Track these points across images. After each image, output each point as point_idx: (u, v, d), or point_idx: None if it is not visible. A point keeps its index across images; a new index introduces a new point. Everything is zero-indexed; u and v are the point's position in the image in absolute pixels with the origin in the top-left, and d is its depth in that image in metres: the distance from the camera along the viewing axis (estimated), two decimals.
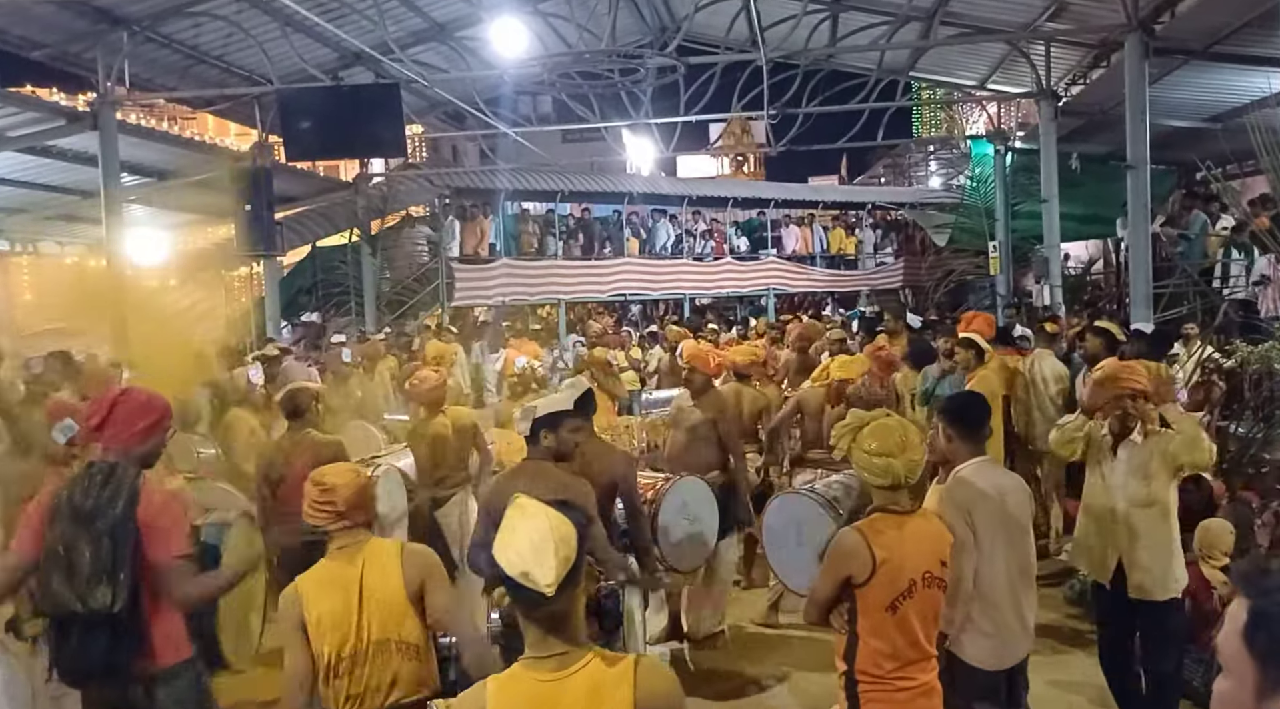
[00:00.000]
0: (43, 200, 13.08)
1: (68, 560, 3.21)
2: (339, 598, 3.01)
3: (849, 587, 3.24)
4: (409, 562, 3.07)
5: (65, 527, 3.27)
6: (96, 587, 3.17)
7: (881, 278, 22.81)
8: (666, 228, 20.37)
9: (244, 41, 11.31)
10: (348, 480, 3.07)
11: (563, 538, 2.07)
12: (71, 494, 3.32)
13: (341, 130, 10.78)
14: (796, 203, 22.85)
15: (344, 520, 3.07)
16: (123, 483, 3.32)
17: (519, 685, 2.11)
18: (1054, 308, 13.15)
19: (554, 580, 2.03)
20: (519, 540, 2.08)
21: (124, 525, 3.26)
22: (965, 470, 3.78)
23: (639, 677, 2.10)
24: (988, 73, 15.27)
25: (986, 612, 3.70)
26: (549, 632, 2.11)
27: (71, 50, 10.64)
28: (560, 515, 2.13)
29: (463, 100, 13.49)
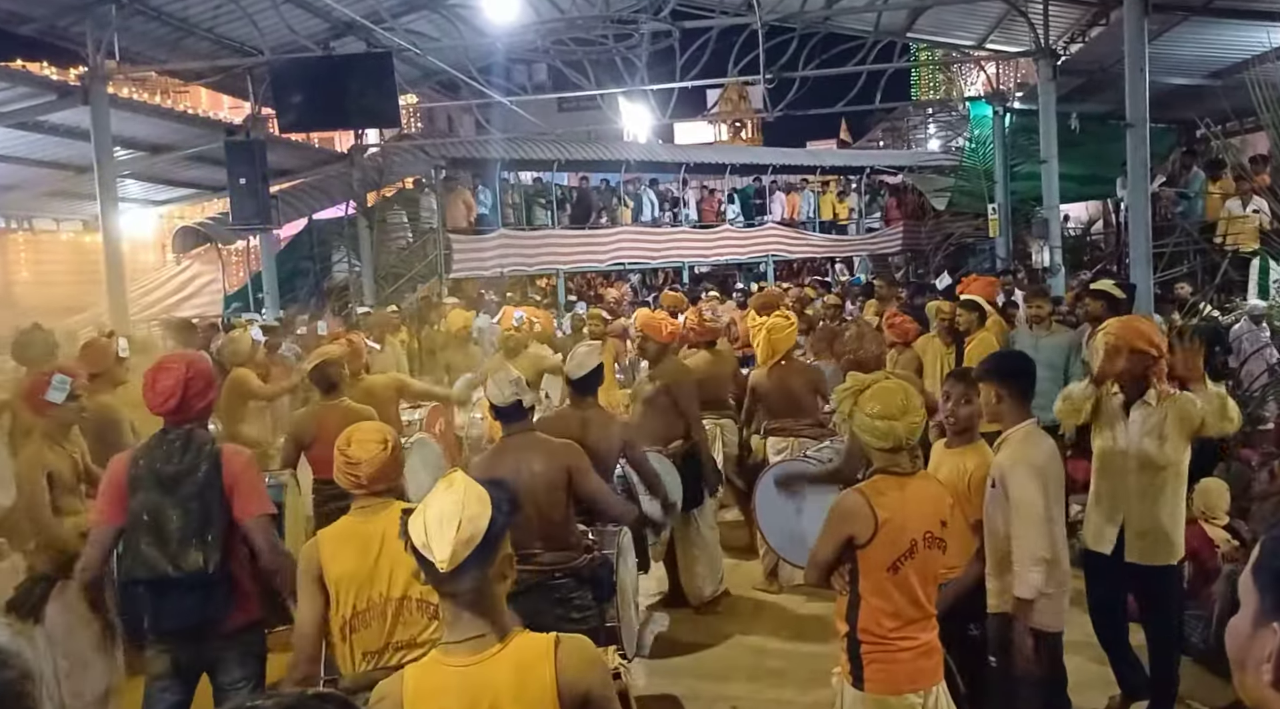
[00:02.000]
0: (36, 176, 13.00)
1: (156, 525, 3.34)
2: (359, 554, 3.07)
3: (851, 547, 3.25)
4: None
5: (150, 493, 3.39)
6: (188, 550, 3.32)
7: (880, 243, 22.75)
8: (650, 197, 20.22)
9: (234, 12, 11.18)
10: (372, 454, 3.11)
11: (470, 517, 2.01)
12: (152, 461, 3.43)
13: (334, 101, 10.67)
14: (795, 168, 22.73)
15: (366, 489, 3.14)
16: (203, 448, 3.46)
17: (436, 673, 2.07)
18: (1054, 269, 13.12)
19: (448, 557, 1.98)
20: (429, 512, 2.04)
21: (210, 489, 3.39)
22: (1023, 433, 3.80)
23: (560, 656, 2.06)
24: (986, 32, 15.12)
25: (1053, 574, 3.74)
26: (462, 610, 2.05)
27: (60, 24, 10.52)
28: (482, 495, 2.06)
29: (456, 69, 13.35)
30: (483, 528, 2.01)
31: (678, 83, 13.84)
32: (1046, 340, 6.99)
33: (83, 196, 13.77)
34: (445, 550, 1.98)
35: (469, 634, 2.05)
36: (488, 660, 2.04)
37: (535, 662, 2.05)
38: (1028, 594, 3.64)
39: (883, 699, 3.25)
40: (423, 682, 2.07)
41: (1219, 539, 5.12)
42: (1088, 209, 17.60)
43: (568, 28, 11.72)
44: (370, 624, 3.08)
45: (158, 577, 3.32)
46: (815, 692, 4.92)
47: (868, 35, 14.55)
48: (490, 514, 2.04)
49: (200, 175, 14.74)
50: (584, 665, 2.09)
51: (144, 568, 3.34)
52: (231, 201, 11.62)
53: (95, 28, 10.49)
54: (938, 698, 3.31)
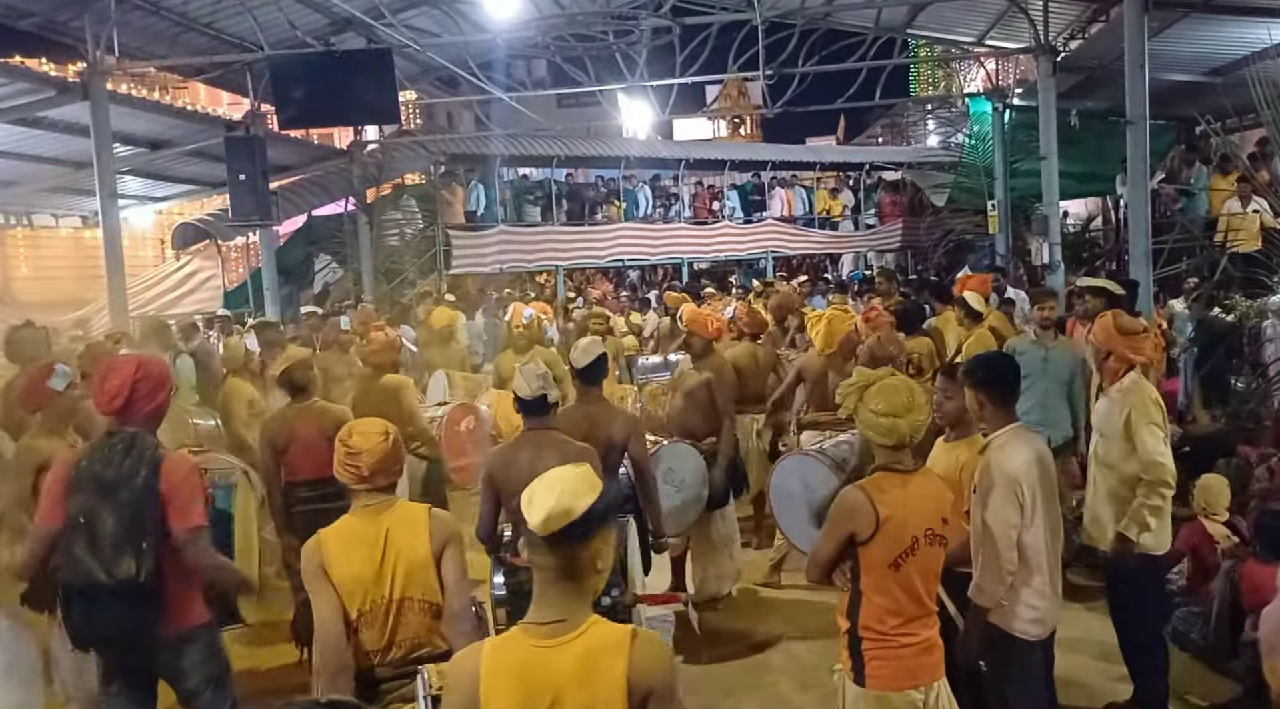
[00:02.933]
0: (36, 172, 12.98)
1: (90, 530, 3.25)
2: (363, 555, 3.04)
3: (852, 544, 3.26)
4: (436, 525, 3.11)
5: (88, 497, 3.30)
6: (121, 557, 3.22)
7: (880, 239, 22.73)
8: (645, 195, 20.18)
9: (234, 7, 11.16)
10: (374, 445, 3.08)
11: (572, 492, 2.06)
12: (92, 464, 3.35)
13: (334, 97, 10.66)
14: (794, 164, 22.71)
15: (367, 483, 3.09)
16: (144, 453, 3.37)
17: (513, 649, 2.11)
18: (1053, 266, 13.13)
19: (541, 521, 2.02)
20: (537, 484, 2.10)
21: (147, 496, 3.30)
22: (1004, 439, 3.70)
23: (634, 650, 2.08)
24: (986, 28, 15.12)
25: (1031, 582, 3.65)
26: (548, 586, 2.09)
27: (59, 19, 10.49)
28: (594, 481, 2.11)
29: (456, 65, 13.34)
30: (582, 506, 2.05)
31: (677, 79, 13.84)
32: (1056, 352, 6.39)
33: (82, 192, 13.77)
34: (539, 515, 2.03)
35: (551, 617, 2.09)
36: (563, 645, 2.08)
37: (609, 653, 2.08)
38: (985, 602, 3.59)
39: (884, 695, 3.26)
40: (499, 657, 2.11)
41: (1219, 535, 5.12)
42: (1086, 206, 17.61)
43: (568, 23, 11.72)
44: (373, 625, 3.07)
45: (91, 583, 3.22)
46: (815, 687, 4.94)
47: (868, 31, 14.54)
48: (594, 498, 2.07)
49: (199, 171, 14.72)
50: (655, 662, 2.12)
51: (77, 574, 3.25)
52: (231, 197, 11.62)
53: (94, 22, 10.47)
54: (939, 694, 3.31)
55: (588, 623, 2.11)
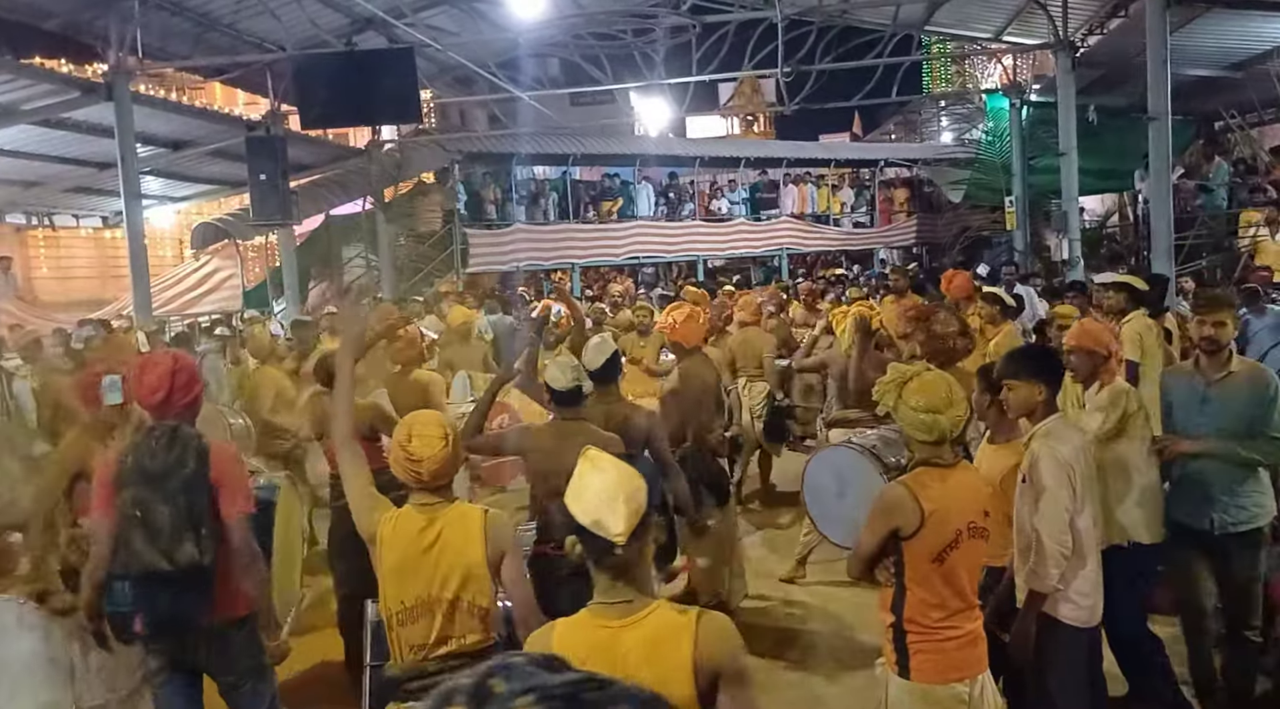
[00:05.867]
0: (59, 173, 13.05)
1: (145, 521, 3.31)
2: (414, 550, 3.06)
3: (895, 539, 3.27)
4: (492, 530, 3.11)
5: (138, 489, 3.35)
6: (181, 544, 3.29)
7: (896, 236, 22.70)
8: (648, 193, 20.14)
9: (255, 8, 11.21)
10: (435, 451, 3.07)
11: (635, 489, 2.12)
12: (138, 458, 3.40)
13: (357, 97, 10.68)
14: (809, 162, 22.68)
15: (426, 485, 3.11)
16: (189, 443, 3.43)
17: (583, 630, 2.17)
18: (1073, 262, 13.10)
19: (625, 530, 2.07)
20: (591, 490, 2.13)
21: (198, 482, 3.37)
22: (1050, 427, 3.75)
23: (699, 631, 2.13)
24: (1004, 24, 15.08)
25: (1082, 568, 3.68)
26: (616, 579, 2.15)
27: (82, 19, 10.55)
28: (631, 468, 2.17)
29: (474, 64, 13.37)
30: (645, 500, 2.11)
31: (695, 77, 13.85)
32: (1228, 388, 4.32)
33: (103, 193, 13.87)
34: (620, 525, 2.07)
35: (620, 597, 2.15)
36: (630, 626, 2.13)
37: (675, 634, 2.12)
38: (1042, 587, 3.61)
39: (929, 689, 3.27)
40: (569, 637, 2.16)
41: None
42: (1103, 202, 17.56)
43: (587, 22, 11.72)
44: (418, 621, 3.07)
45: (150, 571, 3.29)
46: (847, 681, 4.95)
47: (885, 28, 14.53)
48: (646, 486, 2.13)
49: (219, 171, 14.79)
50: (721, 642, 2.15)
51: (136, 563, 3.30)
52: (252, 197, 11.68)
53: (118, 23, 10.52)
54: (984, 687, 3.32)
55: (653, 605, 2.17)
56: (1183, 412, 4.35)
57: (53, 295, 15.37)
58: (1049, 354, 4.14)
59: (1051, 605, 3.69)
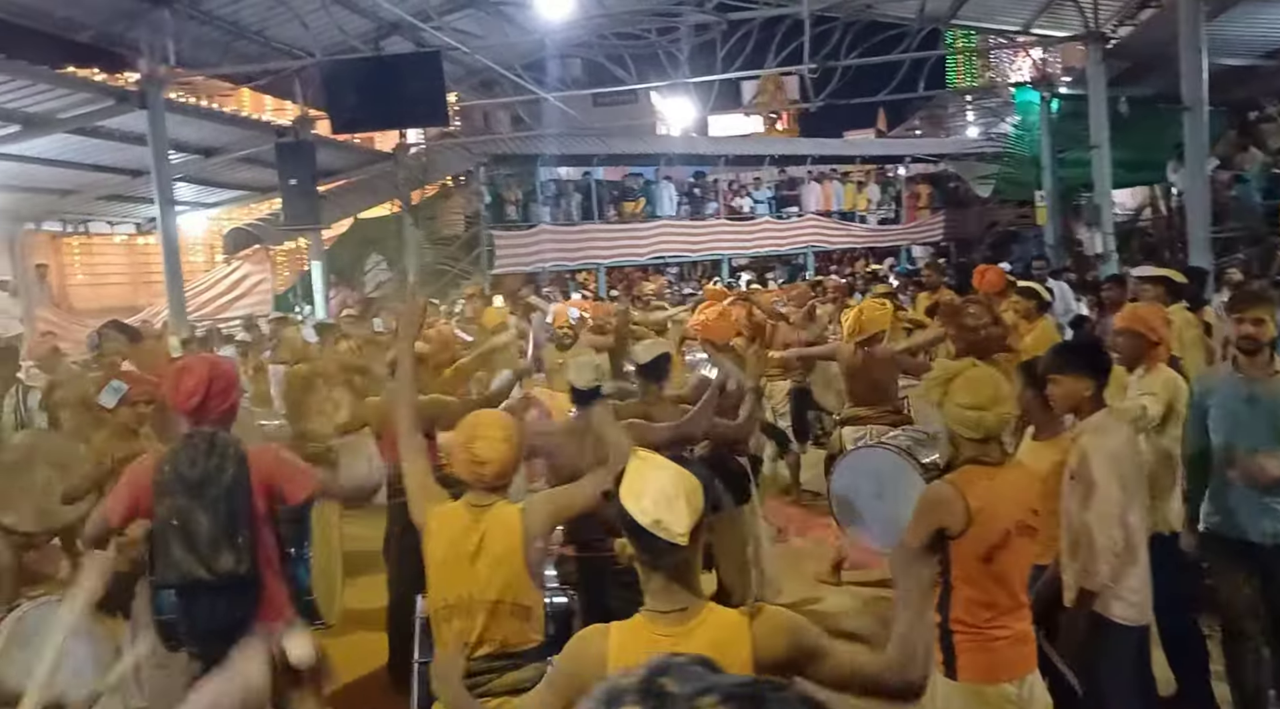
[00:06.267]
0: (93, 181, 13.19)
1: (185, 530, 3.32)
2: (457, 551, 3.06)
3: (942, 538, 3.24)
4: (528, 524, 3.11)
5: (177, 498, 3.35)
6: (219, 552, 3.29)
7: (923, 232, 22.56)
8: (670, 192, 20.09)
9: (283, 15, 11.31)
10: (500, 454, 3.07)
11: (692, 491, 2.09)
12: (176, 466, 3.40)
13: (386, 101, 10.75)
14: (833, 158, 22.59)
15: (488, 486, 3.12)
16: (227, 450, 3.42)
17: (640, 637, 2.13)
18: (1106, 256, 12.95)
19: (686, 529, 2.05)
20: (650, 490, 2.09)
21: (237, 490, 3.36)
22: (1098, 422, 3.72)
23: (755, 629, 2.11)
24: (1032, 17, 14.94)
25: (1132, 564, 3.64)
26: (672, 581, 2.12)
27: (114, 30, 10.67)
28: (684, 469, 2.14)
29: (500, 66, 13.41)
30: (702, 501, 2.09)
31: (719, 75, 13.81)
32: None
33: (136, 200, 14.02)
34: (683, 525, 2.04)
35: (674, 605, 2.12)
36: (688, 632, 2.10)
37: (732, 637, 2.10)
38: (1093, 585, 3.57)
39: (978, 689, 3.23)
40: (626, 644, 2.13)
41: None
42: (1134, 195, 17.35)
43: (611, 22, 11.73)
44: (460, 619, 3.08)
45: (190, 580, 3.31)
46: None
47: (911, 23, 14.43)
48: (702, 486, 2.11)
49: (249, 177, 14.91)
50: (778, 635, 2.13)
51: (175, 572, 3.33)
52: (283, 202, 11.77)
53: (150, 33, 10.64)
54: (1033, 687, 3.29)
55: (706, 609, 2.14)
56: (1227, 414, 4.16)
57: (87, 302, 15.55)
58: (1096, 348, 4.09)
59: (1102, 604, 3.64)
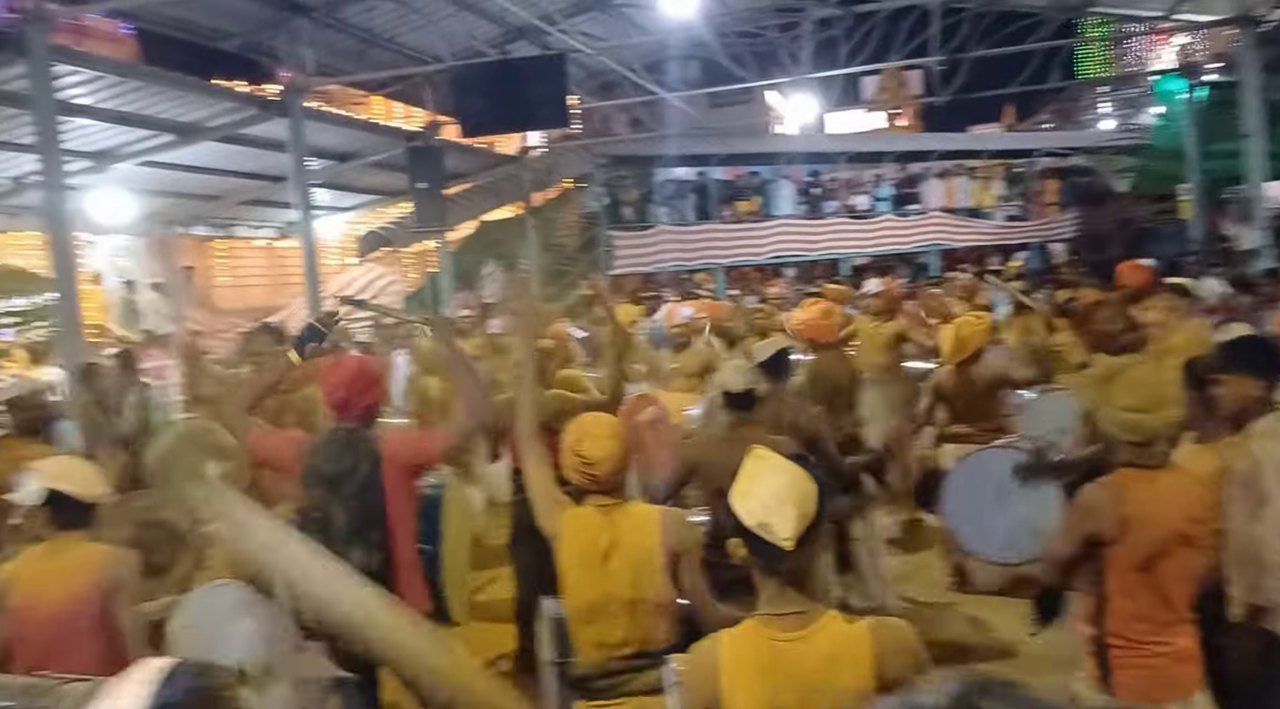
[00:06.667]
0: (235, 187, 13.87)
1: (323, 523, 3.43)
2: (594, 550, 3.06)
3: (1096, 545, 3.08)
4: (669, 528, 3.10)
5: (316, 491, 3.48)
6: (353, 548, 3.38)
7: (1053, 229, 21.71)
8: (788, 191, 19.74)
9: (415, 21, 11.66)
10: (607, 453, 3.07)
11: (805, 493, 2.03)
12: (317, 460, 3.52)
13: (512, 105, 10.94)
14: (960, 154, 21.95)
15: (600, 487, 3.11)
16: (363, 447, 3.53)
17: (753, 642, 2.08)
18: (1258, 252, 12.18)
19: (793, 534, 1.98)
20: (760, 491, 2.04)
21: (370, 487, 3.46)
22: (1271, 426, 3.48)
23: (878, 639, 2.04)
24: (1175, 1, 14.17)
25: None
26: (786, 586, 2.06)
27: (259, 39, 11.21)
28: (803, 471, 2.08)
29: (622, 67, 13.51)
30: (816, 503, 2.03)
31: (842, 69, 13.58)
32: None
33: (276, 205, 14.69)
34: (789, 529, 1.99)
35: (789, 609, 2.06)
36: (805, 639, 2.04)
37: (852, 647, 2.04)
38: (1264, 601, 3.33)
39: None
40: (738, 650, 2.08)
41: None
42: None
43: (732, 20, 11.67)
44: (600, 620, 3.07)
45: None
46: None
47: (1044, 11, 13.88)
48: (819, 490, 2.04)
49: (380, 182, 15.41)
50: (903, 653, 2.06)
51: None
52: (414, 205, 12.14)
53: (289, 41, 11.13)
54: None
55: (826, 616, 2.08)
56: None
57: (229, 303, 16.41)
58: (1268, 346, 3.80)
59: (1272, 621, 3.41)
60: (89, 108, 9.64)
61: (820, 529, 2.05)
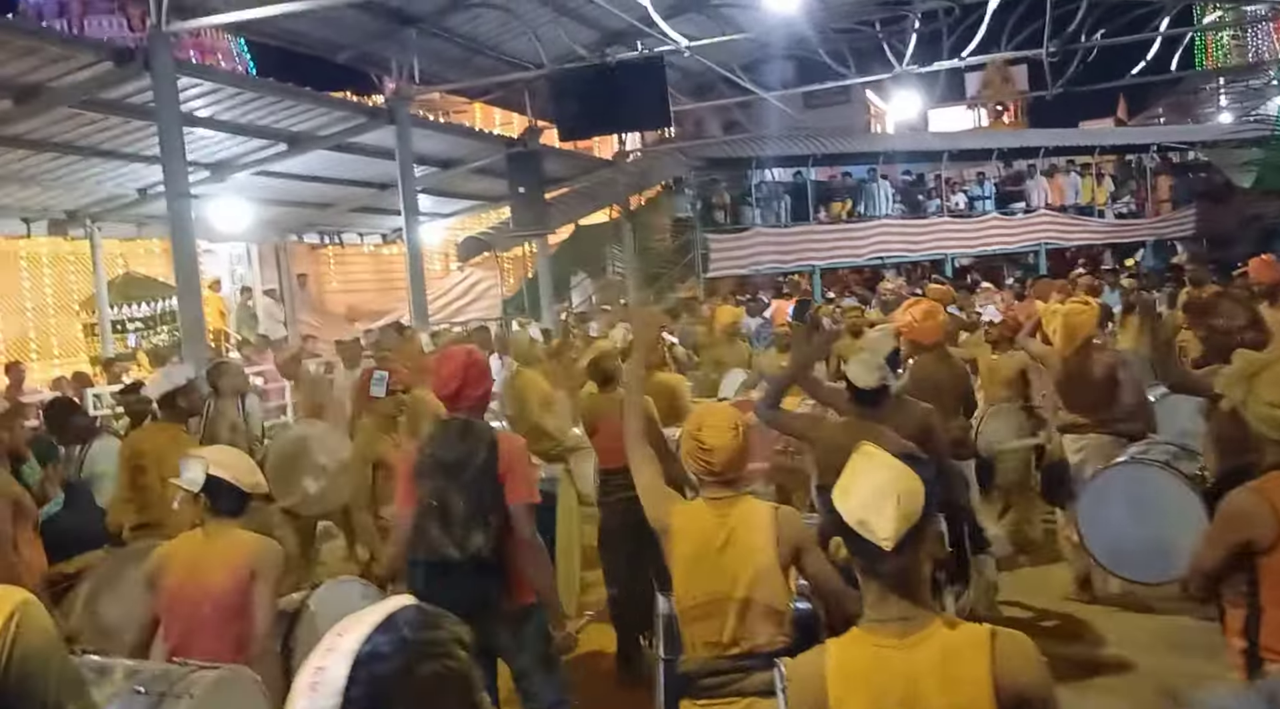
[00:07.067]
0: (345, 195, 14.30)
1: (441, 510, 3.45)
2: (707, 547, 3.01)
3: (1247, 554, 2.88)
4: (783, 526, 3.03)
5: (435, 480, 3.50)
6: (471, 533, 3.40)
7: (1171, 227, 20.81)
8: (886, 191, 19.30)
9: (517, 28, 11.81)
10: (726, 441, 3.02)
11: (907, 491, 1.93)
12: (435, 449, 3.56)
13: (610, 107, 11.02)
14: (1069, 150, 21.21)
15: (718, 477, 3.05)
16: (480, 435, 3.55)
17: (860, 650, 1.98)
18: None
19: (892, 534, 1.89)
20: (861, 488, 1.96)
21: (488, 474, 3.47)
22: None
23: (997, 649, 1.91)
24: None
25: None
26: (890, 591, 1.96)
27: (369, 50, 11.51)
28: (908, 469, 1.98)
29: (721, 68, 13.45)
30: (920, 504, 1.93)
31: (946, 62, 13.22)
32: None
33: (382, 212, 15.09)
34: (889, 528, 1.90)
35: (895, 614, 1.97)
36: (915, 645, 1.94)
37: (968, 651, 1.92)
38: None
39: None
40: (846, 658, 2.00)
41: None
42: None
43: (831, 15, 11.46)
44: (711, 618, 3.01)
45: (441, 559, 3.40)
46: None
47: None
48: (925, 490, 1.94)
49: (479, 188, 15.70)
50: (1024, 662, 1.94)
51: (432, 551, 3.43)
52: (513, 209, 12.32)
53: (398, 51, 11.41)
54: None
55: (936, 622, 1.96)
56: None
57: (339, 307, 16.95)
58: None
59: None
60: (209, 119, 10.06)
61: (925, 532, 1.94)
